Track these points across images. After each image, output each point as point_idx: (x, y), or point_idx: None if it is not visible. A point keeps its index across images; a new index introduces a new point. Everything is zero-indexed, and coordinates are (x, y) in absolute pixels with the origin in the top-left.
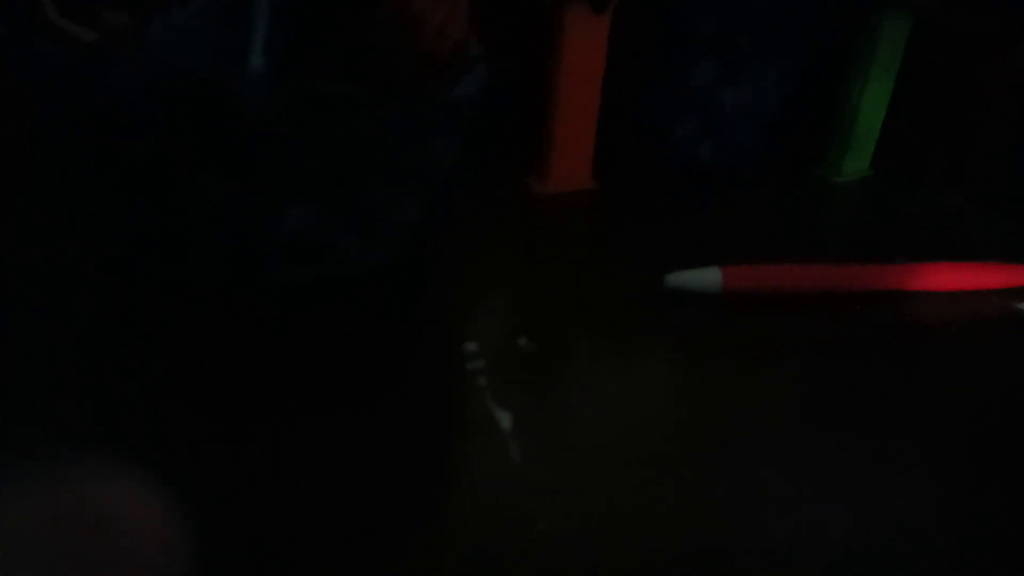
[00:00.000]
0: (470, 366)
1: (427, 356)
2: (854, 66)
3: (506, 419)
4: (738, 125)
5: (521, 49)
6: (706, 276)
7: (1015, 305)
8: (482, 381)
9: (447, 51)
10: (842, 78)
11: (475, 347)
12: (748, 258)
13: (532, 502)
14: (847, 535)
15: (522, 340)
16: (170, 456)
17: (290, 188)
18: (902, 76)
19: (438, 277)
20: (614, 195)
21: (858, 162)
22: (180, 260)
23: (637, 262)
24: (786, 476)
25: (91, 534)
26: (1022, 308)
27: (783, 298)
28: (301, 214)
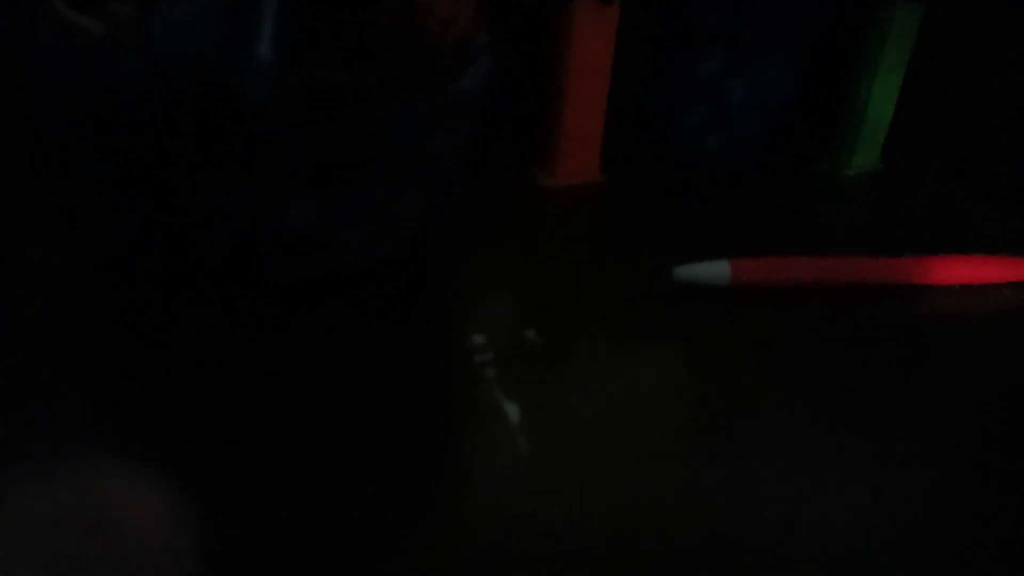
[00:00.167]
0: (478, 358)
1: (434, 349)
2: (864, 59)
3: (514, 411)
4: (746, 118)
5: (529, 41)
6: (714, 269)
7: None
8: (490, 373)
9: (454, 42)
10: (851, 71)
11: (482, 340)
12: (756, 251)
13: (539, 496)
14: (858, 530)
15: (530, 333)
16: (172, 455)
17: (295, 180)
18: (912, 69)
19: (445, 270)
20: (621, 188)
21: (868, 155)
22: (183, 255)
23: (645, 255)
24: (795, 470)
25: (92, 533)
26: None
27: (792, 291)
28: (306, 207)
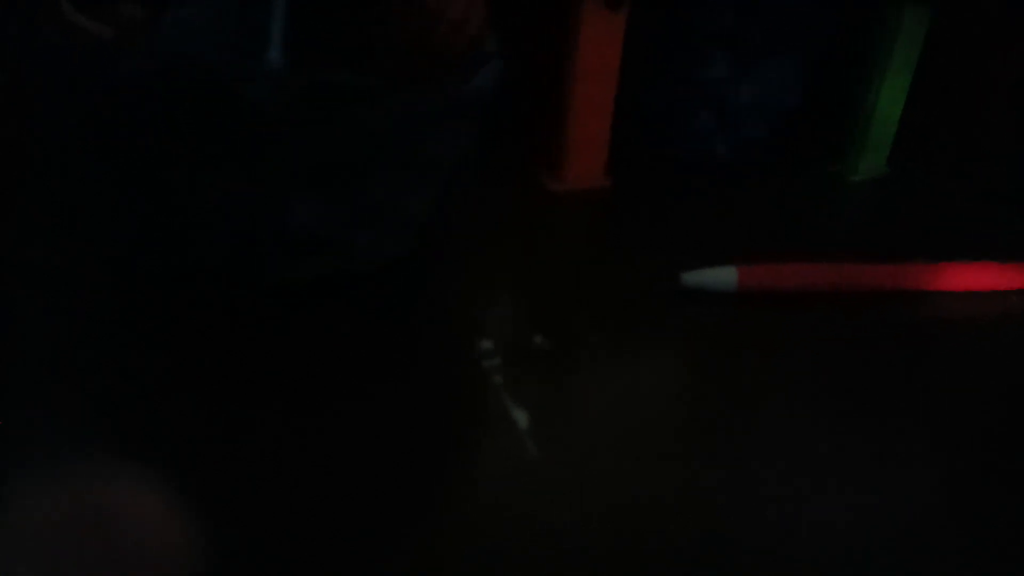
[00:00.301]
0: (485, 364)
1: (440, 351)
2: (871, 62)
3: (522, 416)
4: (752, 121)
5: (536, 45)
6: (722, 275)
7: None
8: (497, 379)
9: (463, 44)
10: (859, 74)
11: (490, 345)
12: (762, 256)
13: (545, 497)
14: (861, 532)
15: (537, 338)
16: (172, 455)
17: (298, 181)
18: (920, 73)
19: (451, 273)
20: (628, 191)
21: (875, 160)
22: (186, 255)
23: (651, 258)
24: (800, 472)
25: (92, 533)
26: None
27: (798, 297)
28: (309, 208)
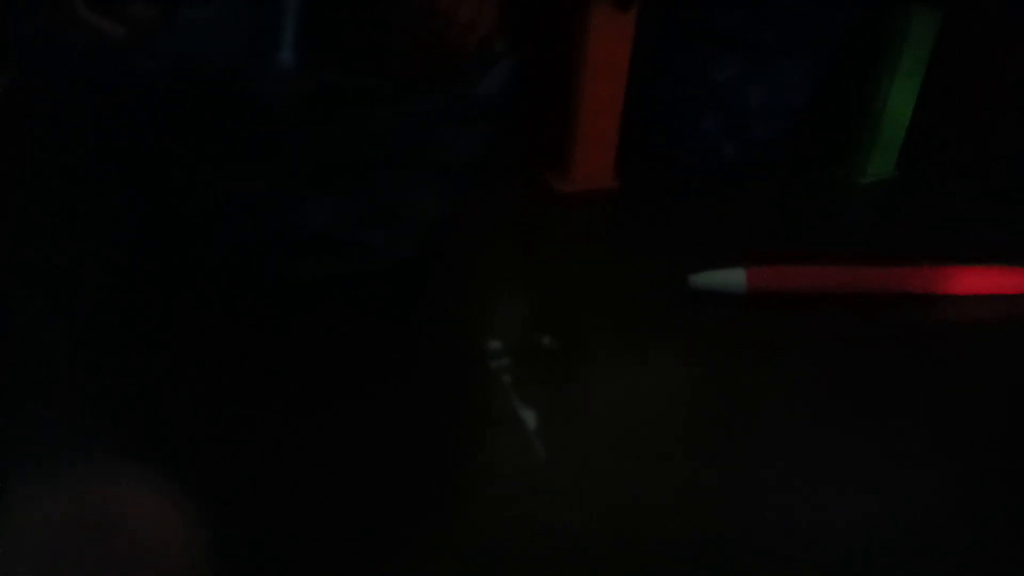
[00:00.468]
0: (494, 364)
1: (448, 353)
2: (881, 65)
3: (530, 417)
4: (762, 123)
5: (545, 46)
6: (730, 277)
7: None
8: (506, 379)
9: (474, 45)
10: (868, 76)
11: (499, 345)
12: (770, 257)
13: (552, 498)
14: (864, 533)
15: (545, 338)
16: (172, 454)
17: (311, 181)
18: (930, 75)
19: (458, 274)
20: (636, 192)
21: (884, 162)
22: (196, 254)
23: (659, 259)
24: (805, 475)
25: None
26: None
27: (806, 298)
28: (322, 208)
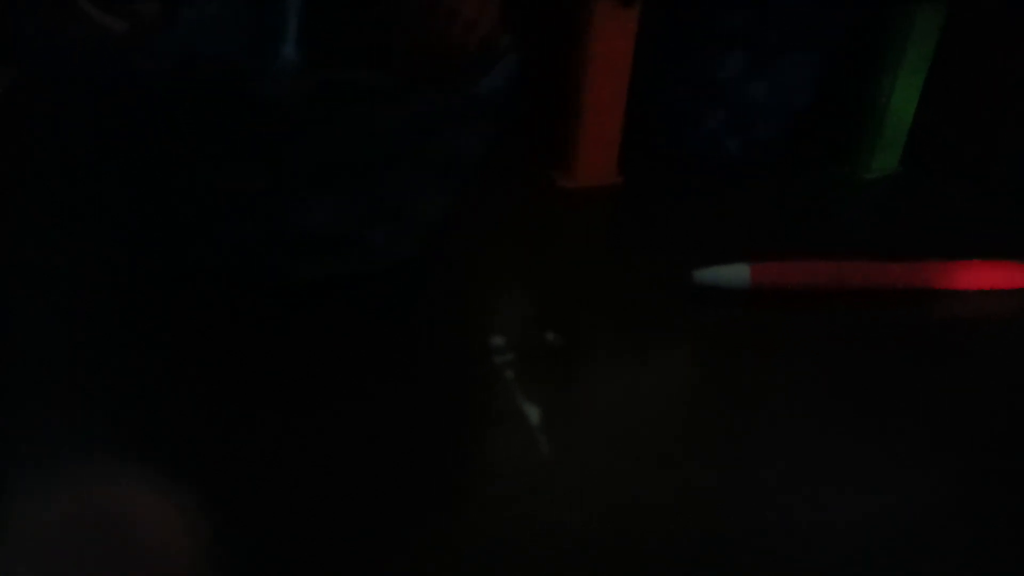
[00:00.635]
0: (497, 360)
1: (452, 350)
2: (885, 60)
3: (534, 412)
4: (766, 120)
5: (548, 42)
6: (734, 272)
7: None
8: (510, 375)
9: (477, 42)
10: (872, 72)
11: (502, 341)
12: (774, 254)
13: (556, 496)
14: (867, 533)
15: (549, 334)
16: (172, 455)
17: (313, 180)
18: (934, 71)
19: (461, 271)
20: (639, 191)
21: (888, 158)
22: (197, 254)
23: (663, 256)
24: (808, 474)
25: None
26: None
27: (810, 295)
28: (325, 207)
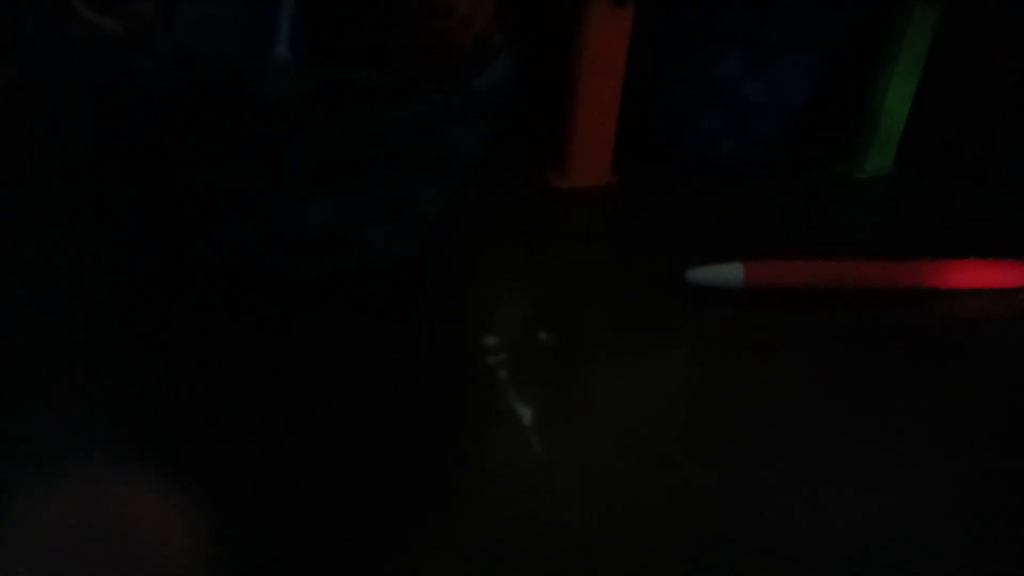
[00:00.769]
0: (491, 359)
1: (445, 349)
2: (879, 60)
3: (527, 413)
4: (762, 120)
5: (543, 42)
6: (728, 272)
7: None
8: (503, 374)
9: (472, 41)
10: (867, 73)
11: (495, 341)
12: (769, 253)
13: (550, 496)
14: (867, 533)
15: (542, 334)
16: (172, 454)
17: (311, 177)
18: (931, 71)
19: (457, 270)
20: (637, 191)
21: (882, 158)
22: (196, 254)
23: (657, 256)
24: (805, 473)
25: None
26: None
27: (804, 294)
28: (324, 206)
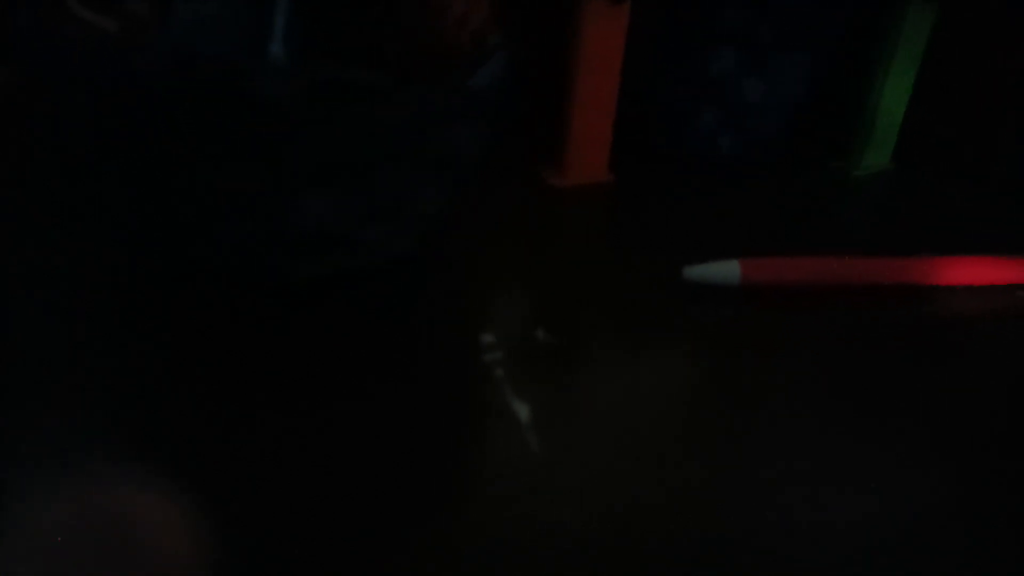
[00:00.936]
0: (487, 357)
1: (443, 348)
2: (876, 58)
3: (523, 411)
4: (759, 118)
5: (539, 40)
6: (725, 269)
7: None
8: (499, 373)
9: (468, 39)
10: (864, 70)
11: (492, 339)
12: (766, 251)
13: (547, 496)
14: (867, 533)
15: (539, 332)
16: (172, 455)
17: (309, 178)
18: (925, 68)
19: (455, 269)
20: (634, 189)
21: (879, 155)
22: (194, 253)
23: (654, 254)
24: (805, 473)
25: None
26: None
27: (802, 291)
28: (320, 205)
